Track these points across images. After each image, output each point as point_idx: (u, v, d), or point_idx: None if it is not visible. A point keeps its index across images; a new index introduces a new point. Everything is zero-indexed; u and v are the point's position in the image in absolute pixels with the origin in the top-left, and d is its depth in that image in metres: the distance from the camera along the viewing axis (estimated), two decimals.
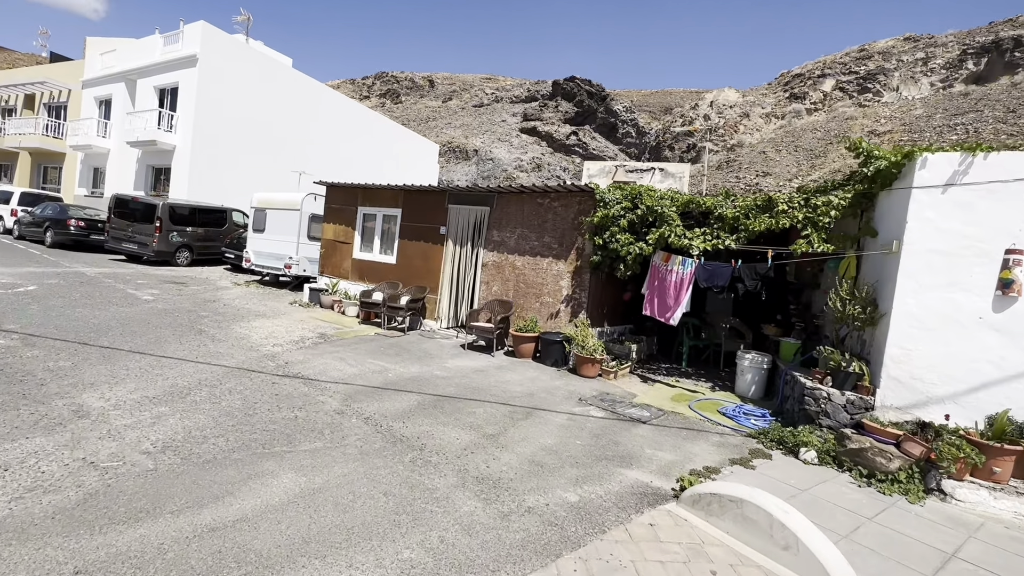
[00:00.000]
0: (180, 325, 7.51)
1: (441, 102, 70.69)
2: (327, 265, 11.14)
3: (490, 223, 8.72)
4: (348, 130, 24.71)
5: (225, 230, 16.79)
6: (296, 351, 6.89)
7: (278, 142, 21.05)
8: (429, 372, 6.56)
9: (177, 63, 18.86)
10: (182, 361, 5.75)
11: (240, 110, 19.72)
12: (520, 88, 65.86)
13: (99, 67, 22.55)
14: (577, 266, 7.79)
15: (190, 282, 12.15)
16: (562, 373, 7.23)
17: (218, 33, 19.05)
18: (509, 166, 41.50)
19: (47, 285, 9.33)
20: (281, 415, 4.54)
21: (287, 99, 21.49)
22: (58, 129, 23.52)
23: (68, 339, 6.03)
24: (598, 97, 51.88)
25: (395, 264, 9.94)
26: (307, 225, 12.61)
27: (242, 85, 19.71)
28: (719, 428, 5.55)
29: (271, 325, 8.33)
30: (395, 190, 9.97)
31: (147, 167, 20.21)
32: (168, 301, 9.31)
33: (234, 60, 19.41)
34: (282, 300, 11.05)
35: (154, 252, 14.40)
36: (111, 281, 10.70)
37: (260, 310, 9.57)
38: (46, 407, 4.09)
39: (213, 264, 16.36)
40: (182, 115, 18.83)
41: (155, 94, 19.93)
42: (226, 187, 19.07)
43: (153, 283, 11.25)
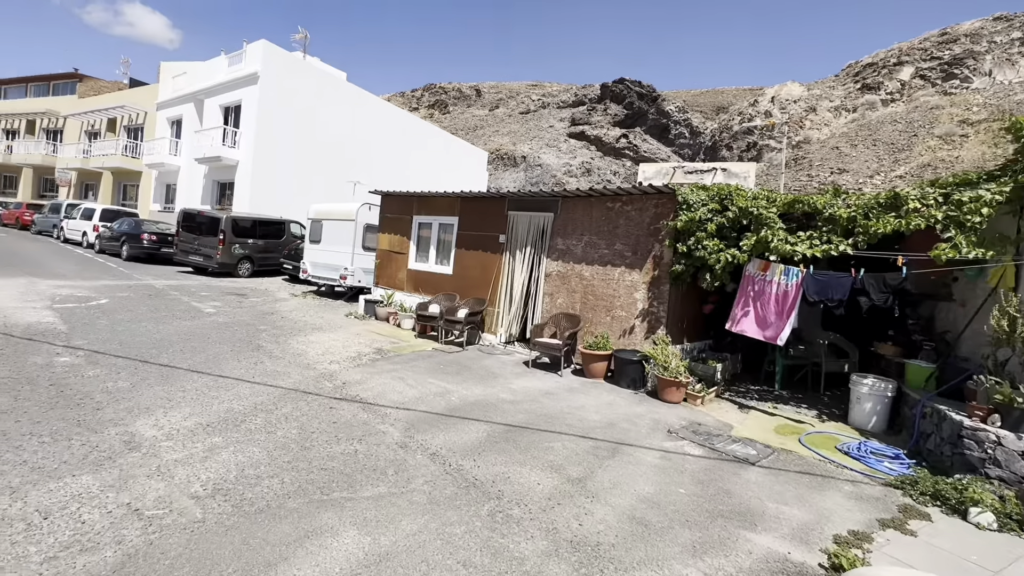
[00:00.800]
0: (239, 340, 7.32)
1: (488, 110, 71.15)
2: (382, 276, 10.86)
3: (554, 230, 8.08)
4: (399, 140, 24.89)
5: (283, 241, 17.09)
6: (353, 369, 6.50)
7: (334, 154, 21.41)
8: (494, 395, 5.97)
9: (240, 81, 19.56)
10: (239, 381, 5.45)
11: (298, 124, 20.19)
12: (567, 93, 65.18)
13: (171, 90, 23.87)
14: (654, 276, 7.00)
15: (250, 294, 12.25)
16: (641, 397, 6.44)
17: (278, 51, 19.62)
18: (558, 171, 40.82)
19: (118, 298, 9.54)
20: (340, 449, 4.06)
21: (342, 112, 21.86)
22: (135, 149, 25.08)
23: (130, 356, 5.90)
24: (648, 98, 50.33)
25: (451, 275, 9.48)
26: (362, 235, 12.46)
27: (300, 100, 20.19)
28: (846, 473, 4.59)
29: (328, 340, 8.05)
30: (451, 198, 9.53)
31: (213, 182, 21.06)
32: (229, 314, 9.27)
33: (292, 76, 19.92)
34: (338, 312, 10.86)
35: (218, 264, 14.77)
36: (176, 293, 10.89)
37: (317, 323, 9.36)
38: (98, 437, 3.80)
39: (272, 275, 16.65)
40: (244, 131, 19.48)
41: (220, 112, 20.77)
42: (285, 199, 19.51)
43: (215, 295, 11.38)
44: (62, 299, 8.85)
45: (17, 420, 3.92)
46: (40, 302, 8.39)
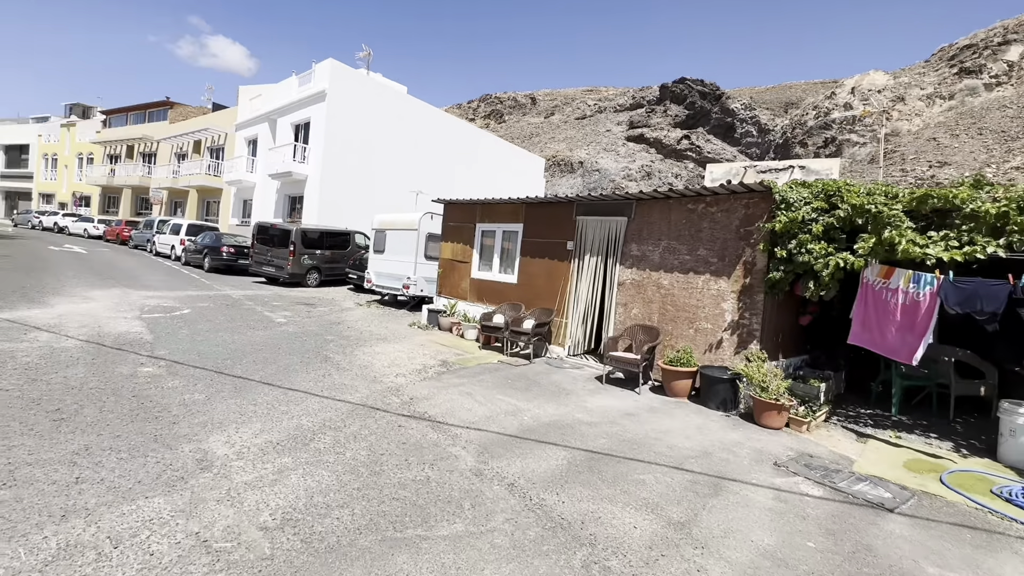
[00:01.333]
0: (308, 351, 7.32)
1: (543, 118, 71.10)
2: (445, 285, 10.71)
3: (627, 235, 7.52)
4: (458, 150, 25.11)
5: (348, 252, 17.54)
6: (420, 383, 6.25)
7: (396, 165, 21.89)
8: (569, 415, 5.49)
9: (309, 100, 20.46)
10: (308, 395, 5.33)
11: (362, 137, 20.80)
12: (624, 96, 63.87)
13: (248, 111, 25.46)
14: (745, 284, 6.26)
15: (318, 303, 12.52)
16: (734, 421, 5.72)
17: (343, 68, 20.34)
18: (617, 176, 39.81)
19: (199, 308, 9.97)
20: (411, 475, 3.74)
21: (403, 124, 22.32)
22: (217, 168, 26.94)
23: (206, 367, 5.97)
24: (711, 97, 48.18)
25: (516, 284, 9.12)
26: (424, 244, 12.42)
27: (363, 114, 20.81)
28: (1016, 527, 3.71)
29: (393, 351, 7.91)
30: (516, 204, 9.20)
31: (284, 196, 22.13)
32: (298, 324, 9.41)
33: (356, 92, 20.58)
34: (401, 322, 10.81)
35: (288, 275, 15.33)
36: (251, 304, 11.28)
37: (381, 333, 9.31)
38: (173, 454, 3.71)
39: (338, 284, 17.11)
40: (313, 147, 20.30)
41: (291, 130, 21.83)
42: (350, 211, 20.10)
43: (286, 305, 11.70)
44: (150, 309, 9.34)
45: (99, 433, 3.92)
46: (130, 312, 8.87)
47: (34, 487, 3.10)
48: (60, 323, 7.48)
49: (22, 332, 6.72)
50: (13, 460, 3.38)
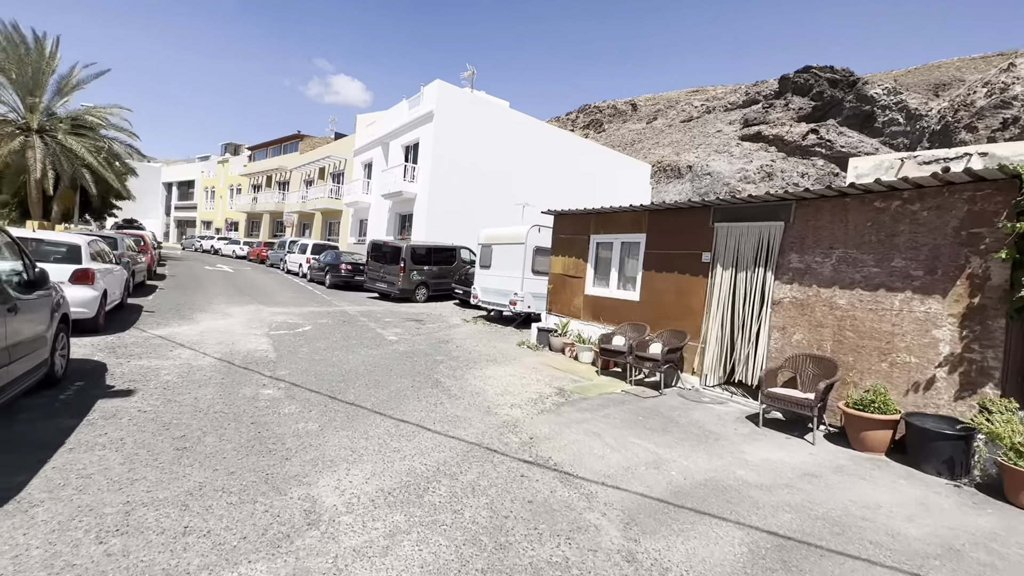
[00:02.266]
0: (418, 373, 6.98)
1: (645, 123, 68.53)
2: (556, 302, 9.96)
3: (784, 244, 6.17)
4: (561, 160, 24.53)
5: (455, 267, 17.64)
6: (538, 417, 5.51)
7: (500, 179, 21.88)
8: (728, 470, 4.37)
9: (418, 121, 21.24)
10: (420, 429, 4.84)
11: (467, 154, 21.07)
12: (734, 94, 59.26)
13: (365, 137, 27.31)
14: (971, 306, 4.66)
15: (426, 319, 12.49)
16: (971, 495, 4.16)
17: (449, 88, 20.84)
18: (731, 178, 36.52)
19: (318, 325, 10.30)
20: (544, 553, 2.97)
21: (506, 138, 22.29)
22: (337, 191, 29.22)
23: (321, 391, 5.80)
24: (844, 85, 42.61)
25: (638, 302, 8.08)
26: (531, 259, 11.85)
27: (468, 131, 21.10)
28: None
29: (504, 375, 7.31)
30: (637, 212, 8.20)
31: (395, 215, 23.16)
32: (408, 342, 9.26)
33: (462, 110, 20.95)
34: (509, 341, 10.27)
35: (399, 290, 15.70)
36: (365, 320, 11.51)
37: (490, 354, 8.80)
38: (282, 501, 3.33)
39: (444, 299, 17.23)
40: (421, 166, 20.98)
41: (402, 151, 22.86)
42: (456, 226, 20.36)
43: (397, 321, 11.79)
44: (276, 326, 9.80)
45: (215, 468, 3.70)
46: (260, 329, 9.34)
47: (143, 536, 2.82)
48: (201, 340, 7.98)
49: (169, 349, 7.20)
50: (132, 498, 3.20)
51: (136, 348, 7.07)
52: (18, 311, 4.11)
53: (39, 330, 4.60)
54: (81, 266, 7.39)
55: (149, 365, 6.27)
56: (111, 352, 6.73)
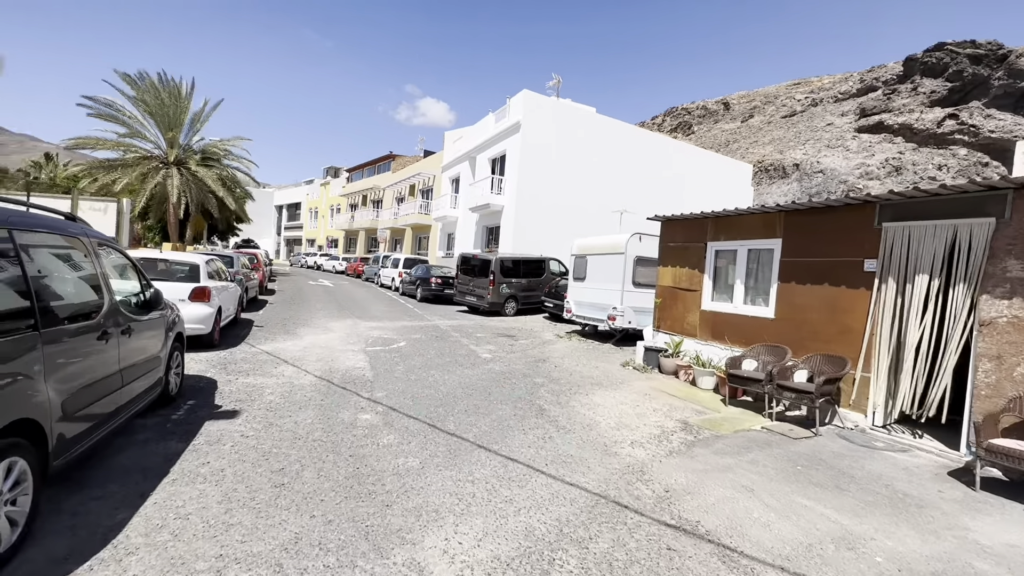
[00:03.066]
0: (519, 398, 6.34)
1: (740, 123, 64.11)
2: (665, 318, 8.90)
3: (997, 246, 4.72)
4: (653, 165, 23.15)
5: (544, 279, 17.02)
6: (667, 460, 4.60)
7: (590, 187, 21.06)
8: (957, 559, 3.16)
9: (504, 133, 21.09)
10: (531, 471, 4.15)
11: (554, 163, 20.51)
12: (846, 82, 53.49)
13: (452, 153, 27.85)
14: None
15: (518, 334, 11.94)
16: None
17: (536, 97, 20.48)
18: (849, 175, 32.46)
19: (412, 340, 10.12)
20: None
21: (594, 144, 21.45)
22: (426, 207, 30.05)
23: (420, 417, 5.34)
24: (991, 60, 36.49)
25: (773, 319, 6.83)
26: (632, 270, 10.86)
27: (555, 140, 20.55)
28: None
29: (614, 403, 6.44)
30: (769, 215, 6.99)
31: (482, 227, 23.15)
32: (503, 360, 8.71)
33: (548, 118, 20.47)
34: (611, 360, 9.35)
35: (488, 304, 15.37)
36: (457, 335, 11.19)
37: (593, 375, 7.96)
38: (385, 569, 2.78)
39: (534, 313, 16.64)
40: (508, 178, 20.75)
41: (488, 164, 22.86)
42: (544, 237, 19.79)
43: (489, 336, 11.34)
44: (372, 341, 9.74)
45: (312, 514, 3.28)
46: (357, 344, 9.31)
47: None
48: (303, 356, 8.01)
49: (274, 366, 7.23)
50: (225, 550, 2.82)
51: (245, 364, 7.18)
52: (132, 333, 4.05)
53: (154, 351, 4.58)
54: (199, 284, 7.72)
55: (255, 383, 6.25)
56: (222, 368, 6.85)
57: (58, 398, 2.94)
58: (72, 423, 3.09)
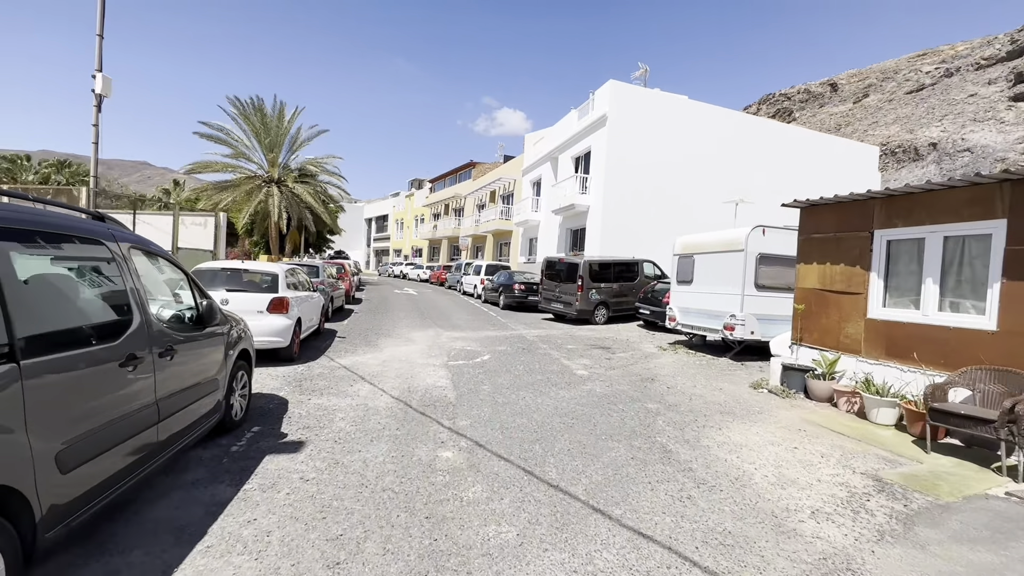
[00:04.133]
0: (633, 432, 5.04)
1: (852, 103, 57.16)
2: (810, 329, 7.08)
3: None
4: (758, 152, 20.56)
5: (637, 284, 15.42)
6: (882, 549, 3.06)
7: (688, 181, 19.11)
8: None
9: (589, 129, 19.76)
10: (679, 560, 2.86)
11: (645, 157, 18.82)
12: (988, 47, 45.58)
13: (532, 155, 26.99)
14: None
15: (614, 346, 10.54)
16: None
17: (623, 87, 18.96)
18: (1007, 151, 26.94)
19: (497, 353, 9.15)
20: None
21: (689, 135, 19.44)
22: (507, 212, 29.43)
23: (512, 458, 4.25)
24: None
25: (996, 332, 4.88)
26: (754, 270, 9.06)
27: (646, 132, 18.86)
28: None
29: (761, 440, 4.91)
30: (984, 187, 5.06)
31: (566, 230, 21.92)
32: (603, 378, 7.42)
33: (636, 109, 18.84)
34: (735, 379, 7.69)
35: (576, 311, 14.11)
36: (545, 347, 10.06)
37: (719, 399, 6.42)
38: None
39: (626, 320, 15.09)
40: (594, 176, 19.38)
41: (571, 163, 21.63)
42: (635, 238, 18.15)
43: (581, 348, 10.09)
44: (455, 354, 8.91)
45: None
46: (439, 358, 8.50)
47: None
48: (382, 371, 7.32)
49: (350, 383, 6.56)
50: None
51: (320, 381, 6.58)
52: (177, 354, 3.37)
53: (209, 372, 3.93)
54: (277, 294, 7.31)
55: (327, 405, 5.55)
56: (297, 386, 6.28)
57: (50, 450, 2.20)
58: (74, 481, 2.35)
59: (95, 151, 9.31)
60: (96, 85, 9.11)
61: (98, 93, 9.14)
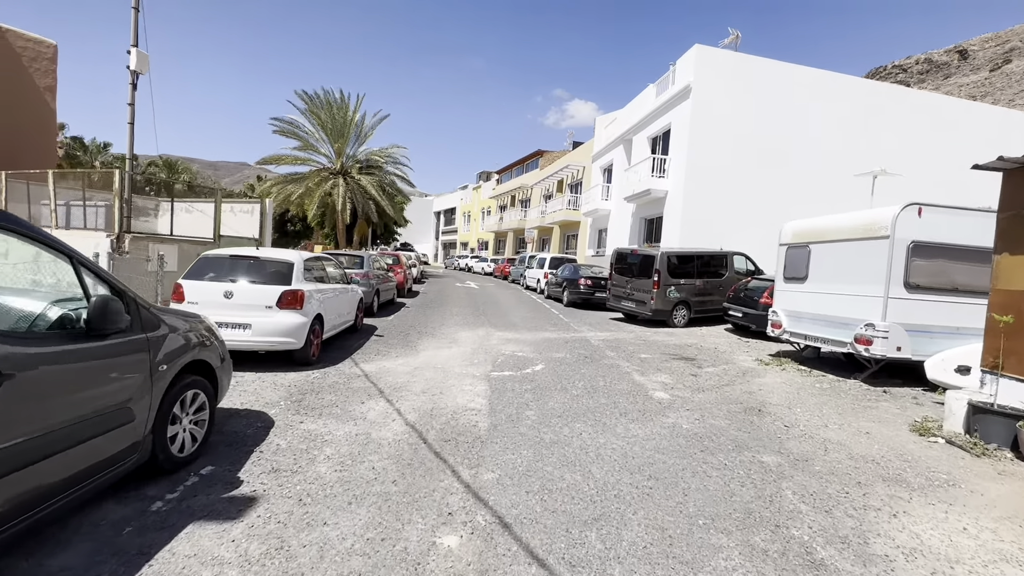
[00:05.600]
0: (748, 514, 3.21)
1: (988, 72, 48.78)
2: (1020, 352, 4.74)
3: None
4: (889, 123, 17.12)
5: (725, 280, 13.06)
6: None
7: (791, 159, 16.27)
8: None
9: (669, 104, 17.39)
10: None
11: (736, 133, 16.17)
12: None
13: (604, 139, 24.84)
14: None
15: (700, 358, 8.52)
16: None
17: (710, 52, 16.39)
18: None
19: (553, 362, 7.53)
20: None
21: (797, 106, 16.49)
22: (575, 202, 27.50)
23: (551, 562, 2.63)
24: None
25: None
26: (904, 264, 6.67)
27: (738, 104, 16.19)
28: None
29: (977, 547, 2.90)
30: None
31: (639, 219, 19.70)
32: (690, 405, 5.55)
33: (726, 78, 16.21)
34: (881, 415, 5.49)
35: (651, 311, 12.08)
36: (613, 355, 8.27)
37: (871, 452, 4.36)
38: None
39: (710, 323, 12.82)
40: (673, 156, 17.02)
41: (648, 144, 19.34)
42: (721, 227, 15.63)
43: (657, 358, 8.19)
44: (502, 362, 7.40)
45: None
46: (482, 366, 7.04)
47: None
48: (408, 383, 5.97)
49: (362, 400, 5.25)
50: None
51: (329, 395, 5.34)
52: (19, 381, 2.11)
53: (105, 402, 2.68)
54: (289, 287, 6.17)
55: (319, 433, 4.25)
56: (297, 401, 5.07)
57: None
58: None
59: (131, 132, 8.80)
60: (131, 61, 8.56)
61: (133, 69, 8.59)
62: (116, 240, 8.41)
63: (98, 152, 37.46)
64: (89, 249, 8.40)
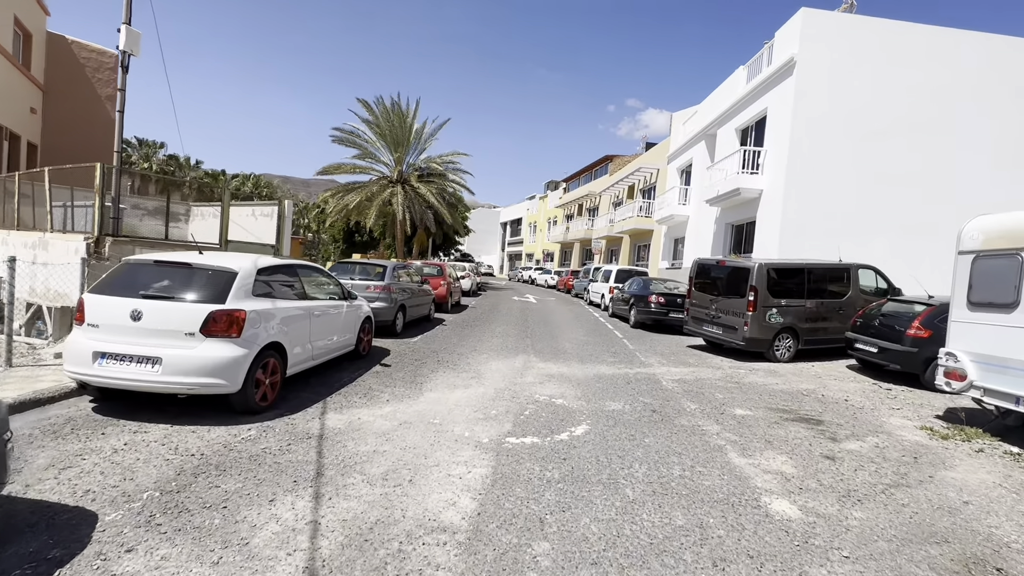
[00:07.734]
0: None
1: None
2: None
3: None
4: None
5: (846, 301, 9.90)
6: None
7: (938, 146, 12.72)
8: None
9: (765, 86, 14.34)
10: None
11: (856, 115, 12.84)
12: None
13: (681, 137, 21.91)
14: None
15: (824, 413, 5.75)
16: None
17: (822, 16, 13.21)
18: None
19: (604, 420, 5.17)
20: None
21: (932, 78, 12.87)
22: (648, 208, 24.61)
23: None
24: None
25: None
26: None
27: (858, 79, 12.87)
28: None
29: None
30: None
31: (725, 226, 16.58)
32: (843, 540, 2.99)
33: (843, 48, 12.94)
34: None
35: (743, 340, 9.25)
36: (694, 410, 5.73)
37: None
38: None
39: (824, 357, 9.72)
40: (770, 148, 13.91)
41: (736, 136, 16.26)
42: (832, 234, 12.35)
43: (762, 419, 5.53)
44: (529, 416, 5.17)
45: None
46: (496, 426, 4.86)
47: None
48: (371, 455, 3.95)
49: (272, 495, 3.28)
50: None
51: (232, 480, 3.43)
52: None
53: None
54: (223, 307, 4.39)
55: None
56: (168, 494, 3.21)
57: None
58: None
59: (119, 120, 7.74)
60: (120, 40, 7.49)
61: (122, 49, 7.52)
62: (95, 244, 7.26)
63: (189, 168, 39.98)
64: (68, 254, 7.36)
